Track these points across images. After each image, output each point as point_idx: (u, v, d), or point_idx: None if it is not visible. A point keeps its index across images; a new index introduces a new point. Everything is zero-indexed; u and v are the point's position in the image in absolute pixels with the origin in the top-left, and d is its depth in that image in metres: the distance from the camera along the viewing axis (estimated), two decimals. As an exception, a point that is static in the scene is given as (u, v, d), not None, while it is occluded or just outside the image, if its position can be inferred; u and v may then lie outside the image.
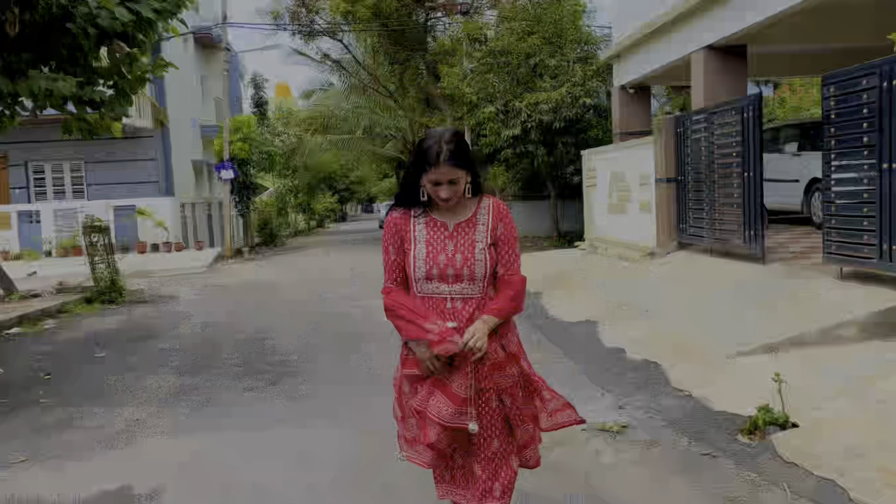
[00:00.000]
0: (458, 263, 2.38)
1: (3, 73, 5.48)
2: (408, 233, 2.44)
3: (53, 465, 4.10)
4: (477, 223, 2.43)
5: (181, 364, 6.58)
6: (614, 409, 4.62)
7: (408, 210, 2.46)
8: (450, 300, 2.39)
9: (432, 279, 2.39)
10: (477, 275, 2.39)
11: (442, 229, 2.42)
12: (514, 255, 2.47)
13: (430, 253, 2.40)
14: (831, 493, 3.12)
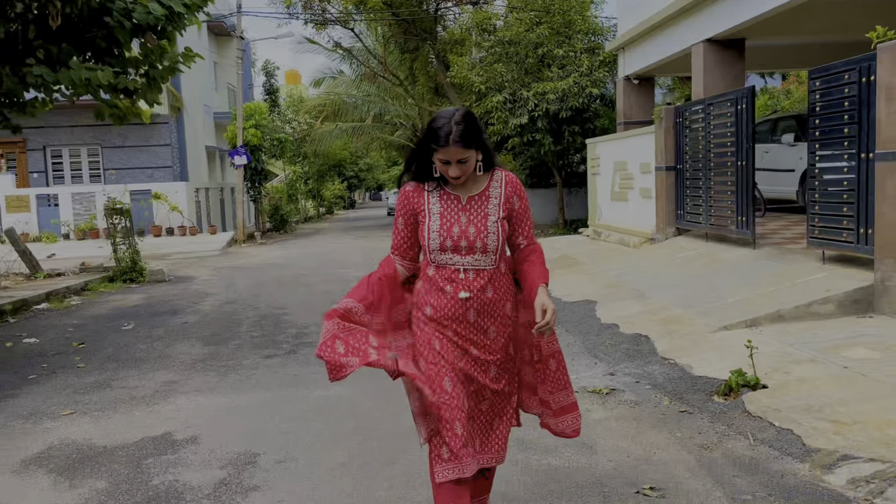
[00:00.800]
0: (471, 235, 2.42)
1: (46, 62, 5.94)
2: (421, 206, 2.48)
3: (98, 416, 4.58)
4: (490, 196, 2.46)
5: (205, 336, 7.06)
6: (605, 375, 5.06)
7: (421, 183, 2.50)
8: (462, 271, 2.43)
9: (446, 250, 2.43)
10: (490, 247, 2.43)
11: (455, 202, 2.46)
12: (530, 227, 2.56)
13: (444, 225, 2.43)
14: (788, 439, 3.55)
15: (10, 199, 19.74)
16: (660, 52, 11.09)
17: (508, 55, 17.56)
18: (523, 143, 17.56)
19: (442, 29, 23.21)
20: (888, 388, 3.95)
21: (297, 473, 3.47)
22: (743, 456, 3.49)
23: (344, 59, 27.26)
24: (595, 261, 9.98)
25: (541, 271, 2.46)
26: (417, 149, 2.46)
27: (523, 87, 16.94)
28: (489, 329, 2.47)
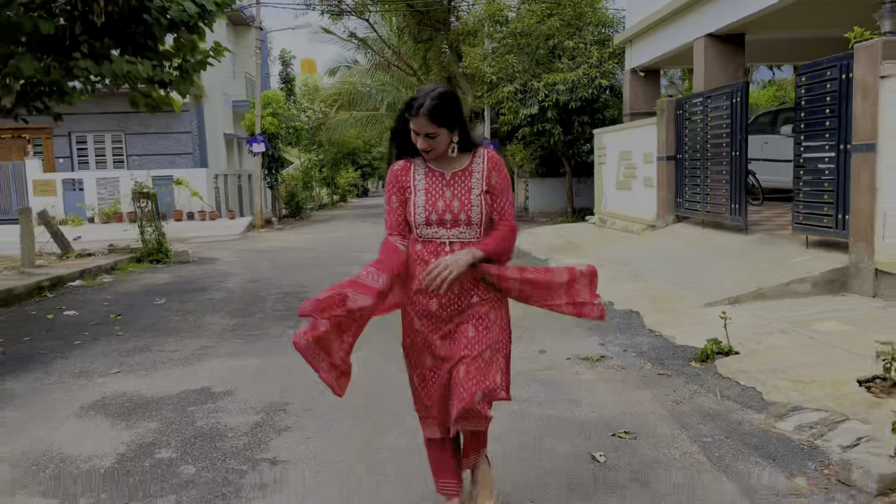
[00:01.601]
0: (455, 209, 2.51)
1: (90, 56, 6.49)
2: (408, 182, 2.58)
3: (142, 374, 5.15)
4: (473, 172, 2.57)
5: (232, 309, 7.64)
6: (597, 345, 5.56)
7: (408, 162, 2.60)
8: (448, 244, 2.52)
9: (431, 224, 2.52)
10: (474, 220, 2.52)
11: (440, 178, 2.56)
12: (508, 204, 2.61)
13: (429, 200, 2.52)
14: (750, 395, 4.06)
15: (38, 183, 20.45)
16: (664, 45, 11.50)
17: (520, 46, 17.97)
18: (533, 133, 17.97)
19: (455, 20, 23.60)
20: (847, 356, 4.43)
21: (322, 418, 4.02)
22: (709, 409, 4.00)
23: (359, 48, 27.74)
24: (597, 246, 10.46)
25: (489, 241, 2.52)
26: (399, 120, 2.53)
27: (534, 77, 17.35)
28: (472, 300, 2.56)
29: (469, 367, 2.48)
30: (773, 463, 3.25)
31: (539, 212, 20.77)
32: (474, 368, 2.48)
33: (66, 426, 4.07)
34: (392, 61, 26.09)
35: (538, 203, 21.17)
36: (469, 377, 2.47)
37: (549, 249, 11.05)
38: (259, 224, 20.69)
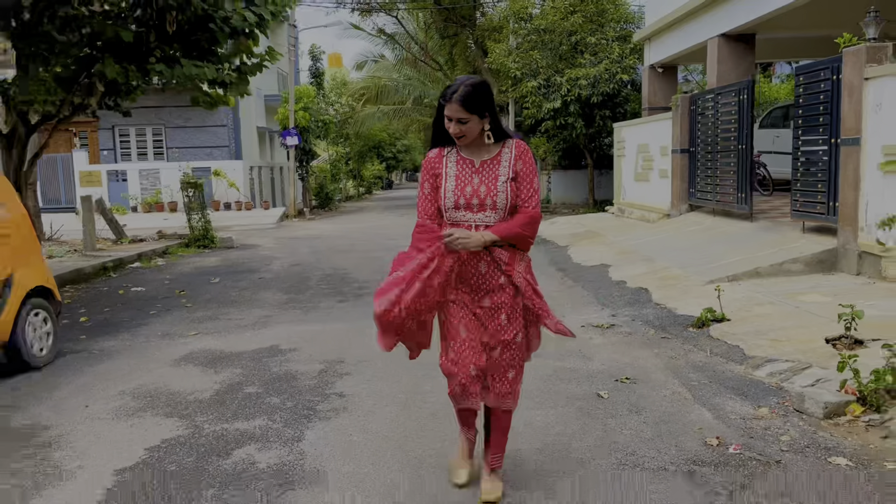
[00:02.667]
0: (482, 194, 2.69)
1: (162, 61, 7.37)
2: (440, 169, 2.77)
3: (217, 336, 6.03)
4: (501, 160, 2.74)
5: (283, 287, 8.52)
6: (608, 316, 6.32)
7: (442, 150, 2.80)
8: (474, 227, 2.71)
9: (459, 208, 2.71)
10: (499, 204, 2.70)
11: (469, 165, 2.75)
12: (532, 191, 2.75)
13: (459, 185, 2.72)
14: (734, 352, 4.80)
15: (84, 175, 21.60)
16: (680, 43, 12.13)
17: (543, 42, 18.64)
18: (556, 127, 18.63)
19: (481, 15, 24.28)
20: (823, 321, 5.15)
21: (375, 367, 4.84)
22: (699, 362, 4.76)
23: (386, 44, 28.52)
24: (615, 234, 11.18)
25: (504, 225, 2.70)
26: (437, 111, 2.75)
27: (557, 73, 18.01)
28: (500, 279, 2.76)
29: (505, 351, 2.79)
30: (744, 398, 4.00)
31: (561, 203, 21.46)
32: (509, 353, 2.80)
33: (166, 372, 4.95)
34: (419, 56, 26.86)
35: (560, 194, 21.86)
36: (504, 360, 2.80)
37: (570, 237, 11.80)
38: (293, 214, 21.66)
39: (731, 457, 3.24)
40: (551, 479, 3.07)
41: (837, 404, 3.64)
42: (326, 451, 3.44)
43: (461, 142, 2.70)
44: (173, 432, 3.74)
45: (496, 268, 2.74)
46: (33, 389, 4.63)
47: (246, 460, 3.36)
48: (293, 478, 3.15)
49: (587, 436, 3.55)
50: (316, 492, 3.02)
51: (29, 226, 5.29)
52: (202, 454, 3.44)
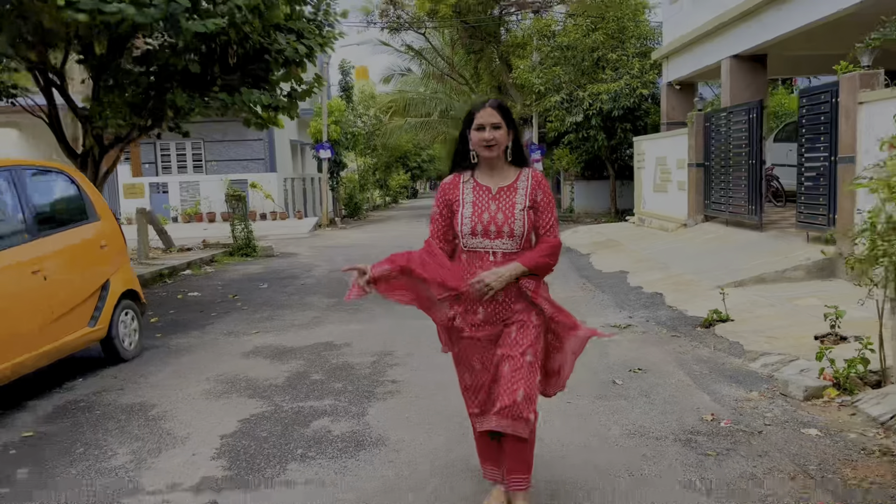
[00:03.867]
0: (499, 221, 2.71)
1: (224, 89, 8.24)
2: (457, 196, 2.80)
3: (277, 334, 6.82)
4: (517, 188, 2.77)
5: (327, 291, 9.32)
6: (626, 317, 7.01)
7: (458, 177, 2.84)
8: (492, 254, 2.73)
9: (476, 235, 2.73)
10: (516, 232, 2.72)
11: (486, 192, 2.78)
12: (554, 220, 2.80)
13: (476, 212, 2.74)
14: (735, 347, 5.47)
15: (127, 187, 22.73)
16: (696, 63, 12.78)
17: (566, 58, 19.36)
18: (579, 139, 19.31)
19: (505, 31, 25.09)
20: (815, 321, 5.78)
21: (421, 359, 5.59)
22: (703, 356, 5.44)
23: (413, 59, 29.44)
24: (634, 242, 11.83)
25: (531, 255, 2.75)
26: (460, 135, 2.86)
27: (579, 87, 18.71)
28: (515, 307, 2.78)
29: (512, 365, 2.71)
30: (739, 385, 4.68)
31: (584, 212, 22.10)
32: (517, 368, 2.71)
33: (239, 363, 5.75)
34: (445, 71, 27.72)
35: (583, 204, 22.50)
36: (513, 375, 2.70)
37: (591, 245, 12.47)
38: (325, 223, 22.57)
39: (721, 429, 3.93)
40: (569, 446, 3.78)
41: (816, 388, 4.30)
42: (386, 424, 4.18)
43: (490, 152, 2.71)
44: (258, 409, 4.53)
45: (515, 296, 2.76)
46: (130, 377, 5.45)
47: (322, 429, 4.12)
48: (363, 442, 3.90)
49: (601, 413, 4.25)
50: (381, 451, 3.77)
51: (120, 237, 6.14)
52: (286, 425, 4.21)
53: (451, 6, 21.43)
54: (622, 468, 3.46)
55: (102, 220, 5.86)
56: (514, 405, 2.67)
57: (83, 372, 5.58)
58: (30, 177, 5.24)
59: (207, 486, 3.41)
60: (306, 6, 8.58)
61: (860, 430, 3.78)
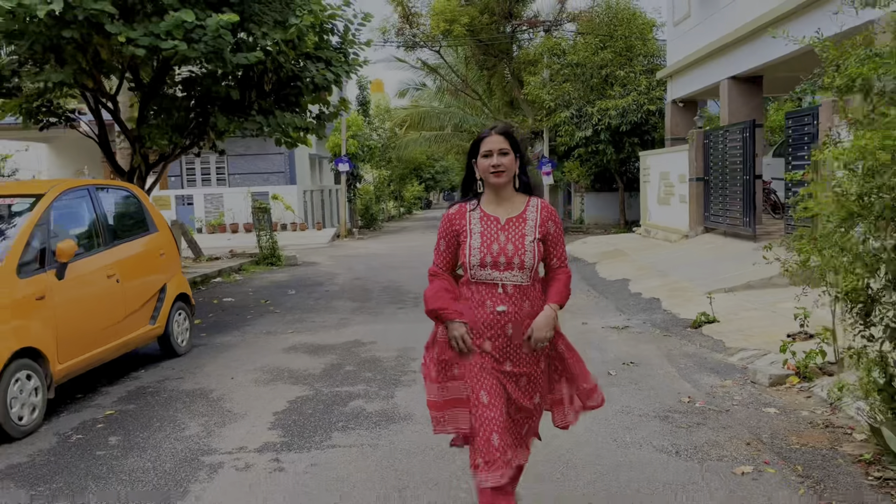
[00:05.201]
0: (509, 252, 2.64)
1: (261, 113, 9.08)
2: (464, 226, 2.72)
3: (310, 334, 7.60)
4: (527, 219, 2.71)
5: (350, 297, 10.10)
6: (624, 320, 7.72)
7: (463, 206, 2.77)
8: (501, 286, 2.65)
9: (485, 266, 2.65)
10: (526, 264, 2.65)
11: (495, 223, 2.70)
12: (564, 251, 2.79)
13: (484, 242, 2.66)
14: (718, 344, 6.18)
15: (154, 199, 23.72)
16: (698, 83, 13.50)
17: (576, 75, 20.14)
18: (588, 153, 20.04)
19: (517, 49, 25.93)
20: (791, 322, 6.46)
21: (438, 354, 6.33)
22: (689, 352, 6.15)
23: (428, 74, 30.34)
24: (638, 252, 12.54)
25: (557, 290, 2.74)
26: (467, 166, 2.82)
27: (588, 103, 19.47)
28: (524, 349, 2.70)
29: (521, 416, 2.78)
30: (717, 375, 5.39)
31: (594, 223, 22.79)
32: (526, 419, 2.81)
33: (280, 357, 6.53)
34: (458, 87, 28.58)
35: (593, 215, 23.20)
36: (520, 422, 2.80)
37: (598, 255, 13.19)
38: (343, 234, 23.41)
39: (696, 408, 4.64)
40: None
41: (779, 376, 5.01)
42: (412, 404, 4.93)
43: (499, 178, 2.67)
44: (302, 393, 5.29)
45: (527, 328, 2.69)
46: (186, 368, 6.24)
47: (358, 408, 4.88)
48: (393, 417, 4.66)
49: (596, 396, 4.98)
50: (409, 424, 4.52)
51: (175, 247, 6.96)
52: (327, 404, 4.98)
53: (464, 25, 22.30)
54: (608, 437, 4.19)
55: (160, 231, 6.68)
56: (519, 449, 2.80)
57: (144, 365, 6.38)
58: (102, 194, 6.06)
59: (268, 448, 4.18)
60: (334, 36, 9.39)
61: (811, 409, 4.49)
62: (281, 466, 3.92)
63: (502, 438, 2.60)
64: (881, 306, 3.46)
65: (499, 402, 2.65)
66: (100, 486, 3.74)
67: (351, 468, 3.87)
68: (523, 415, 2.78)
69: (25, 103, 8.70)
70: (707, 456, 3.84)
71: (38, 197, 5.26)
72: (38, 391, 4.74)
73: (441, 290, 2.74)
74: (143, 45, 7.20)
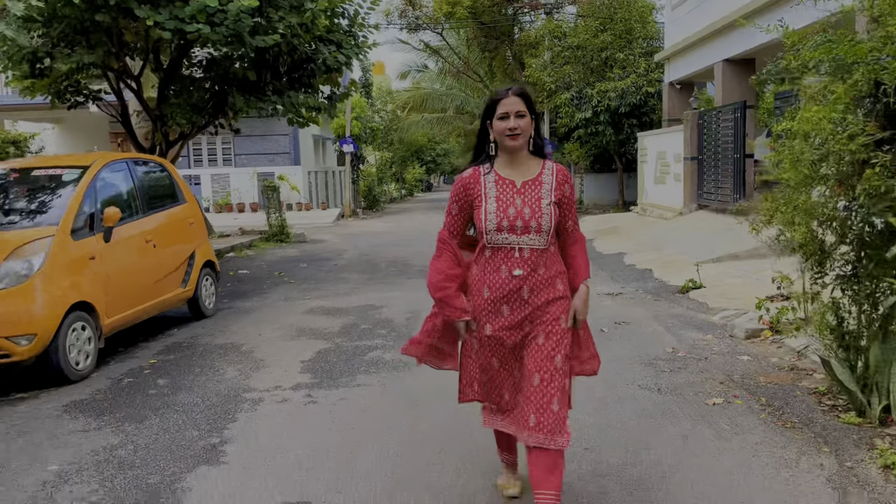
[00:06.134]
0: (526, 216, 2.60)
1: (275, 93, 9.58)
2: (478, 191, 2.67)
3: (325, 299, 8.15)
4: (542, 182, 2.66)
5: (359, 269, 10.65)
6: (618, 288, 8.28)
7: (477, 170, 2.71)
8: (517, 250, 2.62)
9: (502, 230, 2.61)
10: (544, 227, 2.61)
11: (511, 186, 2.65)
12: (576, 215, 2.79)
13: (501, 207, 2.61)
14: (702, 306, 6.74)
15: (162, 179, 24.23)
16: (694, 65, 13.96)
17: (576, 58, 20.56)
18: (588, 134, 20.50)
19: (518, 31, 26.30)
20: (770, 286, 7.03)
21: (446, 315, 6.90)
22: (676, 313, 6.71)
23: (430, 56, 30.72)
24: (634, 229, 13.08)
25: (583, 264, 2.76)
26: (482, 126, 2.75)
27: (588, 85, 19.90)
28: (541, 306, 2.67)
29: (543, 376, 2.62)
30: (699, 331, 5.96)
31: (593, 203, 23.31)
32: (548, 378, 2.62)
33: (301, 318, 7.09)
34: (460, 69, 28.98)
35: (592, 196, 23.71)
36: (545, 387, 2.62)
37: (595, 232, 13.72)
38: (348, 214, 23.94)
39: (678, 357, 5.21)
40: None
41: (754, 330, 5.58)
42: (424, 355, 5.49)
43: (515, 141, 2.62)
44: (325, 346, 5.86)
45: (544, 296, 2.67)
46: (215, 327, 6.81)
47: (376, 356, 5.45)
48: (408, 364, 5.22)
49: (590, 348, 5.55)
50: (424, 369, 5.02)
51: (202, 217, 7.49)
52: (349, 355, 5.55)
53: (467, 7, 22.69)
54: (598, 381, 4.73)
55: (189, 203, 7.22)
56: (550, 419, 2.59)
57: (177, 325, 6.95)
58: (138, 167, 6.60)
59: (301, 387, 4.76)
60: (344, 20, 9.87)
61: (780, 357, 5.06)
62: (314, 400, 4.49)
63: (512, 396, 2.75)
64: (833, 258, 4.00)
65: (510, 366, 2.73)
66: (159, 416, 4.31)
67: (375, 400, 4.45)
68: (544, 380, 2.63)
69: (54, 84, 9.19)
70: (684, 392, 4.41)
71: (85, 168, 5.79)
72: (91, 341, 5.31)
73: (444, 279, 2.73)
74: (169, 29, 7.69)
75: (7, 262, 4.90)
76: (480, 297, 2.70)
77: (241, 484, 3.35)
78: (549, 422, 2.59)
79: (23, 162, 6.42)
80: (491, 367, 2.74)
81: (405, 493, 3.21)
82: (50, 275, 5.01)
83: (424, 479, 3.33)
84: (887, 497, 2.98)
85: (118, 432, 4.07)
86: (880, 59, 3.42)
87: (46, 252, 5.03)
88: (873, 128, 3.49)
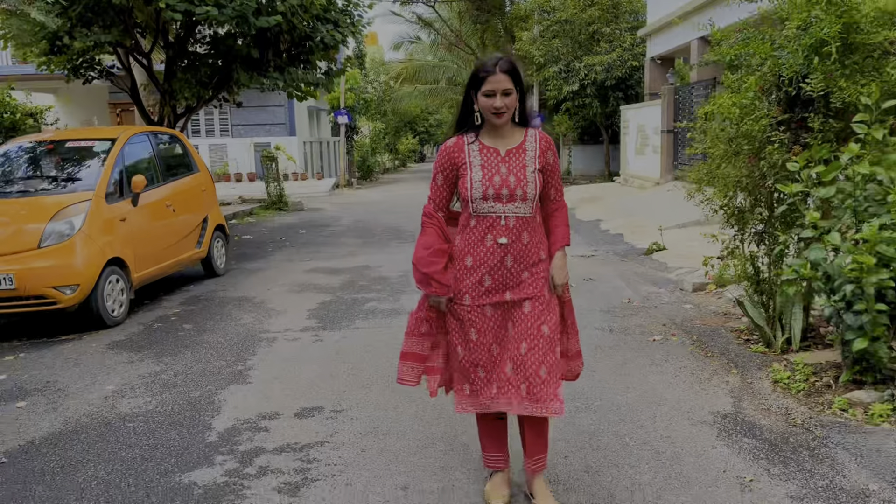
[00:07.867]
0: (511, 184, 2.61)
1: (277, 69, 10.25)
2: (463, 159, 2.67)
3: (325, 260, 8.95)
4: (526, 150, 2.66)
5: (355, 235, 11.45)
6: (591, 250, 9.11)
7: (461, 139, 2.69)
8: (503, 218, 2.64)
9: (488, 199, 2.62)
10: (529, 195, 2.62)
11: (495, 154, 2.65)
12: (560, 184, 2.79)
13: (486, 175, 2.62)
14: (662, 265, 7.59)
15: (161, 149, 24.82)
16: (673, 42, 14.64)
17: (564, 32, 21.14)
18: (575, 106, 21.18)
19: (509, 3, 26.74)
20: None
21: (434, 273, 7.73)
22: (639, 271, 7.56)
23: (423, 28, 31.12)
24: (613, 197, 13.89)
25: (563, 233, 2.75)
26: (465, 95, 2.68)
27: (576, 59, 20.51)
28: (523, 275, 2.66)
29: (530, 343, 2.62)
30: (655, 286, 6.80)
31: (580, 174, 24.07)
32: (535, 345, 2.62)
33: (304, 276, 7.90)
34: (453, 41, 29.44)
35: (579, 166, 24.47)
36: (532, 355, 2.62)
37: (577, 201, 14.53)
38: (343, 184, 24.64)
39: (632, 306, 6.06)
40: (534, 312, 5.93)
41: (700, 284, 6.43)
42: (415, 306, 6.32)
43: (501, 118, 2.60)
44: (327, 298, 6.69)
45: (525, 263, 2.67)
46: (228, 283, 7.62)
47: (373, 306, 6.28)
48: (400, 312, 6.05)
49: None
50: (413, 317, 5.92)
51: (213, 185, 8.25)
52: (349, 305, 6.38)
53: (458, -19, 23.12)
54: (563, 322, 5.61)
55: (201, 171, 7.97)
56: (540, 386, 2.60)
57: (192, 282, 7.76)
58: (156, 139, 7.33)
59: (309, 329, 5.59)
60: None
61: (718, 306, 5.92)
62: (321, 339, 5.33)
63: (487, 372, 2.68)
64: (751, 218, 4.83)
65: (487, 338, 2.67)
66: (190, 351, 5.14)
67: (372, 338, 5.29)
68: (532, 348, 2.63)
69: (69, 61, 9.84)
70: (632, 332, 5.27)
71: (113, 140, 6.54)
72: (124, 292, 6.11)
73: (431, 254, 2.69)
74: (179, 11, 8.35)
75: (51, 222, 5.67)
76: (463, 265, 2.69)
77: (265, 396, 4.19)
78: (539, 389, 2.61)
79: (56, 134, 7.15)
80: (469, 341, 2.69)
81: (399, 395, 4.05)
82: (89, 234, 5.78)
83: (418, 389, 4.18)
84: (770, 402, 3.84)
85: (158, 363, 4.90)
86: (781, 57, 4.20)
87: (85, 214, 5.80)
88: (777, 111, 4.28)
